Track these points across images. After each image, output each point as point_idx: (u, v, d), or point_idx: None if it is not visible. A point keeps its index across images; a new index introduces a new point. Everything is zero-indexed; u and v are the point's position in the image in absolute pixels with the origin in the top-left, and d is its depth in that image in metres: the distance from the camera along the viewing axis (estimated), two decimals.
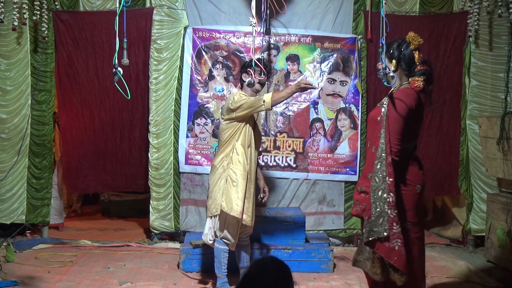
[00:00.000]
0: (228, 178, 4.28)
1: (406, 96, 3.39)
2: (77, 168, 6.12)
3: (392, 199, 3.27)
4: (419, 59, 3.47)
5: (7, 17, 5.64)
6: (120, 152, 6.08)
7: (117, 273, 4.90)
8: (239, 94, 4.33)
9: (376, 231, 3.26)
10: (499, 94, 5.86)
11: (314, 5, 5.91)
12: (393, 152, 3.31)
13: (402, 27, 5.87)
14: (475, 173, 5.96)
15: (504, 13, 5.68)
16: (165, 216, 5.90)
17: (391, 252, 3.25)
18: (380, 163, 3.30)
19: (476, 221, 5.90)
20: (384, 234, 3.24)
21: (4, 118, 5.82)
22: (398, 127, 3.32)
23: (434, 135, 6.04)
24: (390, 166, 3.29)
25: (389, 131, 3.32)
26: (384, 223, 3.25)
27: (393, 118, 3.33)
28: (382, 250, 3.28)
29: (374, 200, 3.29)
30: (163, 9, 5.85)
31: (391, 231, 3.25)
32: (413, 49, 3.46)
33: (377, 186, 3.29)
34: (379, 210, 3.26)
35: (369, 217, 3.30)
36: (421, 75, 3.43)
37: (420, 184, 3.45)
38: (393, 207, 3.27)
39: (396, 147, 3.32)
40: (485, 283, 4.74)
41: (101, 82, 5.96)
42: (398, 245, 3.25)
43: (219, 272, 4.42)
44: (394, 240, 3.25)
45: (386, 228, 3.24)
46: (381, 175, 3.29)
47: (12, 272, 4.79)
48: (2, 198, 5.84)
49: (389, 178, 3.28)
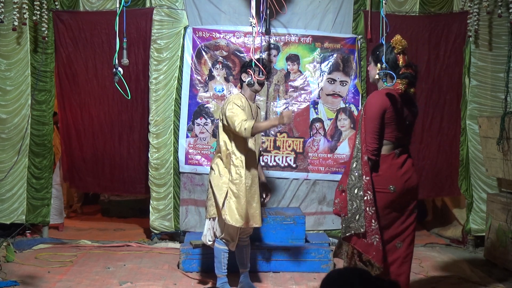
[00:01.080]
0: (228, 190, 4.26)
1: (380, 96, 3.49)
2: (77, 168, 6.12)
3: (370, 197, 3.38)
4: (403, 63, 3.53)
5: (7, 17, 5.64)
6: (119, 155, 6.05)
7: (117, 273, 4.91)
8: (232, 103, 4.27)
9: (353, 227, 3.39)
10: (499, 94, 5.86)
11: (314, 5, 5.91)
12: (369, 151, 3.42)
13: (402, 27, 5.88)
14: (475, 173, 5.96)
15: (504, 13, 5.68)
16: (165, 216, 5.90)
17: (369, 247, 3.37)
18: (356, 162, 3.43)
19: (476, 221, 5.90)
20: (361, 230, 3.36)
21: (4, 118, 5.82)
22: (373, 126, 3.43)
23: (435, 136, 6.04)
24: (366, 165, 3.40)
25: (365, 130, 3.44)
26: (360, 219, 3.37)
27: (368, 118, 3.46)
28: (360, 246, 3.40)
29: (350, 197, 3.42)
30: (163, 9, 5.85)
31: (370, 228, 3.37)
32: (397, 53, 3.54)
33: (353, 184, 3.41)
34: (356, 207, 3.39)
35: (346, 214, 3.43)
36: (404, 78, 3.50)
37: (394, 185, 3.46)
38: (371, 205, 3.38)
39: (371, 146, 3.42)
40: (485, 283, 4.74)
41: (101, 82, 5.95)
42: (376, 241, 3.37)
43: (219, 272, 4.42)
44: (373, 236, 3.37)
45: (363, 224, 3.36)
46: (357, 173, 3.41)
47: (12, 272, 4.79)
48: (2, 198, 5.84)
49: (366, 176, 3.39)
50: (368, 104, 3.50)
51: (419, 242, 6.17)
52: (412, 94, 3.58)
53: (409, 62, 3.56)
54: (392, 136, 3.50)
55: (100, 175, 6.11)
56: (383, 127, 3.45)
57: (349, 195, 3.42)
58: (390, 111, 3.45)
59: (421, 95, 5.99)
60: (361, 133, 3.46)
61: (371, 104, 3.48)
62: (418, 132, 6.02)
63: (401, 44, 3.53)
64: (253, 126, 4.12)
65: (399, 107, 3.50)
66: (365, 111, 3.49)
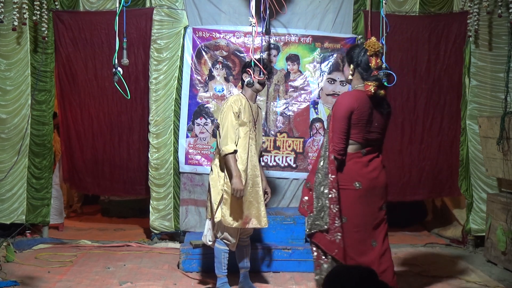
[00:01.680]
0: (224, 193, 4.25)
1: (348, 97, 3.61)
2: (77, 169, 6.11)
3: (334, 195, 3.50)
4: (375, 65, 3.61)
5: (7, 17, 5.64)
6: (119, 156, 6.03)
7: (117, 273, 4.90)
8: (229, 109, 4.25)
9: (318, 224, 3.52)
10: (499, 94, 5.85)
11: (314, 5, 5.91)
12: (336, 151, 3.52)
13: (402, 27, 5.88)
14: (475, 173, 5.96)
15: (504, 13, 5.67)
16: (165, 216, 5.90)
17: (332, 245, 3.50)
18: (323, 161, 3.55)
19: (476, 221, 5.90)
20: (325, 227, 3.49)
21: (4, 118, 5.82)
22: (339, 126, 3.53)
23: (435, 136, 6.03)
24: (332, 164, 3.52)
25: (332, 130, 3.55)
26: (325, 217, 3.50)
27: (335, 118, 3.57)
28: (323, 243, 3.53)
29: (316, 195, 3.53)
30: (163, 9, 5.85)
31: (333, 225, 3.49)
32: (369, 55, 3.62)
33: (319, 182, 3.53)
34: (321, 205, 3.50)
35: (312, 211, 3.54)
36: (374, 80, 3.58)
37: (360, 181, 3.56)
38: (335, 203, 3.49)
39: (338, 146, 3.53)
40: (485, 283, 4.74)
41: (100, 83, 5.94)
42: (339, 238, 3.49)
43: (219, 272, 4.41)
44: (335, 233, 3.49)
45: (327, 221, 3.49)
46: (323, 171, 3.53)
47: (12, 272, 4.79)
48: (2, 198, 5.84)
49: (331, 175, 3.51)
50: (336, 105, 3.60)
51: (419, 242, 6.18)
52: (383, 96, 3.64)
53: (380, 65, 3.63)
54: (359, 137, 3.60)
55: (100, 176, 6.10)
56: (350, 128, 3.55)
57: (315, 193, 3.53)
58: (357, 112, 3.55)
59: (421, 95, 6.00)
60: (328, 133, 3.57)
61: (339, 105, 3.58)
62: (418, 133, 6.03)
63: (374, 47, 3.60)
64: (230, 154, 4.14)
65: (367, 109, 3.58)
66: (333, 112, 3.60)
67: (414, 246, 6.06)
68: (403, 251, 5.80)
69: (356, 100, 3.56)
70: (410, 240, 6.31)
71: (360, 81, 3.66)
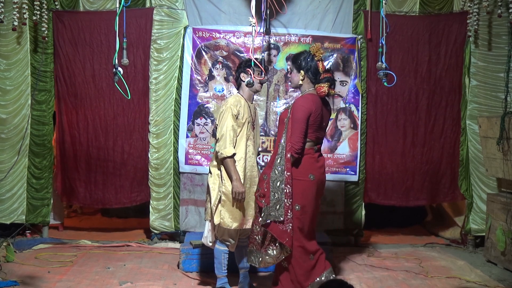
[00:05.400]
0: (222, 195, 4.25)
1: (307, 101, 3.94)
2: (69, 177, 6.04)
3: (289, 190, 3.85)
4: (322, 68, 4.02)
5: (7, 17, 5.64)
6: (112, 163, 5.92)
7: (117, 273, 4.91)
8: (228, 111, 4.25)
9: (273, 215, 3.83)
10: (499, 94, 5.86)
11: (314, 5, 5.91)
12: (295, 150, 3.87)
13: (402, 27, 5.88)
14: (475, 173, 5.96)
15: (504, 13, 5.67)
16: (165, 216, 5.90)
17: (284, 234, 3.84)
18: (280, 158, 3.89)
19: (476, 221, 5.90)
20: (280, 219, 3.82)
21: (4, 118, 5.82)
22: (299, 128, 3.88)
23: (438, 139, 5.99)
24: (288, 161, 3.86)
25: (291, 131, 3.88)
26: (280, 209, 3.83)
27: (294, 120, 3.90)
28: (275, 232, 3.85)
29: (272, 189, 3.85)
30: (163, 9, 5.85)
31: (286, 217, 3.84)
32: (317, 60, 4.01)
33: (275, 178, 3.86)
34: (277, 198, 3.84)
35: (268, 204, 3.85)
36: (326, 81, 3.98)
37: (313, 174, 3.96)
38: (289, 197, 3.85)
39: (297, 145, 3.87)
40: (485, 283, 4.74)
41: (98, 84, 5.89)
42: (290, 228, 3.85)
43: (219, 273, 4.42)
44: (288, 224, 3.85)
45: (282, 213, 3.83)
46: (280, 168, 3.87)
47: (12, 272, 4.79)
48: (2, 198, 5.84)
49: (287, 172, 3.86)
50: (296, 107, 3.93)
51: (419, 242, 6.18)
52: (333, 94, 4.08)
53: (326, 68, 4.07)
54: (313, 136, 4.00)
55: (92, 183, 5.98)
56: (308, 128, 3.93)
57: (272, 187, 3.85)
58: (314, 114, 3.93)
59: (422, 96, 5.98)
60: (287, 133, 3.90)
61: (299, 108, 3.92)
62: (421, 135, 5.98)
63: (320, 52, 4.02)
64: (228, 157, 4.16)
65: (320, 110, 3.98)
66: (292, 114, 3.92)
67: (414, 246, 6.06)
68: (403, 251, 5.80)
69: (314, 103, 3.94)
70: (410, 240, 6.31)
71: (310, 85, 4.03)
